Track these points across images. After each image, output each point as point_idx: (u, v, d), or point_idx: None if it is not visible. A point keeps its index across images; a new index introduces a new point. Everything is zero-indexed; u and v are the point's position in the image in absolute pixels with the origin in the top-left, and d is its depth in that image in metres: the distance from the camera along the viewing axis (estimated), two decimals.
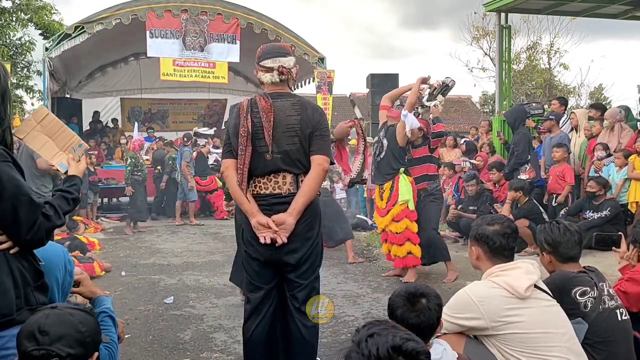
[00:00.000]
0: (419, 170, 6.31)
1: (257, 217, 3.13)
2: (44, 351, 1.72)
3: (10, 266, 2.14)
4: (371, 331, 1.51)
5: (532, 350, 2.44)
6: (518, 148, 8.04)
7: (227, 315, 5.05)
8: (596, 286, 2.73)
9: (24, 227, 2.13)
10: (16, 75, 16.52)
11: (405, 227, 6.09)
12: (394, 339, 1.47)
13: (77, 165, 2.60)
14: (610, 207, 6.96)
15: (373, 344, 1.47)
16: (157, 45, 12.33)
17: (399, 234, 6.11)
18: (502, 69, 11.24)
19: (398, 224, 6.10)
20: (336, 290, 5.91)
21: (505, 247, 2.67)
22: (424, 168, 6.35)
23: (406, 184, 6.11)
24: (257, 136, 3.13)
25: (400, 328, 1.58)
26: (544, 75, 23.79)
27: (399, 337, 1.48)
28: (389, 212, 6.14)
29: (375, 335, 1.49)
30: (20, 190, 2.14)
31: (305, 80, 14.83)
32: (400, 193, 6.06)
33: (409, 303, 2.33)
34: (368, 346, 1.47)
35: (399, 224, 6.10)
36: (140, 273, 6.92)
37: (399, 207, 6.08)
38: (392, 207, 6.10)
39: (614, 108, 8.35)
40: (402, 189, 6.07)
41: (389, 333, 1.50)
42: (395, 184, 6.11)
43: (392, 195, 6.10)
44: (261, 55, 3.27)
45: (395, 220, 6.11)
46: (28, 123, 2.62)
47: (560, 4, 10.82)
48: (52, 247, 2.38)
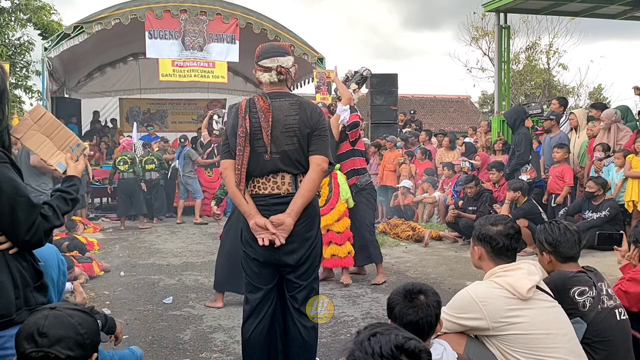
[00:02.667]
0: (345, 165, 6.14)
1: (255, 218, 3.12)
2: (43, 353, 1.71)
3: (9, 266, 2.14)
4: (373, 331, 1.55)
5: (533, 351, 2.44)
6: (519, 148, 8.04)
7: (227, 316, 5.04)
8: (595, 286, 2.73)
9: (22, 228, 2.13)
10: (15, 75, 16.51)
11: (346, 226, 6.00)
12: (397, 338, 1.51)
13: (75, 165, 2.59)
14: (610, 207, 6.97)
15: (376, 342, 1.50)
16: (156, 46, 12.33)
17: (340, 233, 5.98)
18: (501, 69, 11.24)
19: (339, 223, 5.97)
20: (335, 290, 5.90)
21: (508, 247, 2.67)
22: (350, 163, 6.15)
23: (344, 182, 6.01)
24: (256, 136, 3.12)
25: (401, 329, 1.60)
26: (543, 75, 23.79)
27: (401, 336, 1.52)
28: (331, 210, 5.95)
29: (377, 334, 1.53)
30: (18, 192, 2.14)
31: (304, 80, 14.84)
32: (341, 191, 5.94)
33: (407, 300, 2.33)
34: (371, 345, 1.50)
35: (341, 223, 5.98)
36: (140, 273, 6.91)
37: (342, 205, 5.97)
38: (335, 205, 5.94)
39: (610, 109, 8.36)
40: (343, 186, 5.97)
41: (391, 332, 1.53)
42: (334, 181, 5.96)
43: (333, 193, 5.94)
44: (260, 55, 3.26)
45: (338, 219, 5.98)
46: (25, 122, 2.60)
47: (559, 4, 10.83)
48: (45, 247, 2.38)
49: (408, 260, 7.50)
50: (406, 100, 25.34)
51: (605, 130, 7.92)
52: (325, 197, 5.94)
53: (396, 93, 13.60)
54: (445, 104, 29.32)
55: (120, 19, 11.95)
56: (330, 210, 5.95)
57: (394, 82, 13.45)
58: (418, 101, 27.91)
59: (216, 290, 5.34)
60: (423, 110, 26.39)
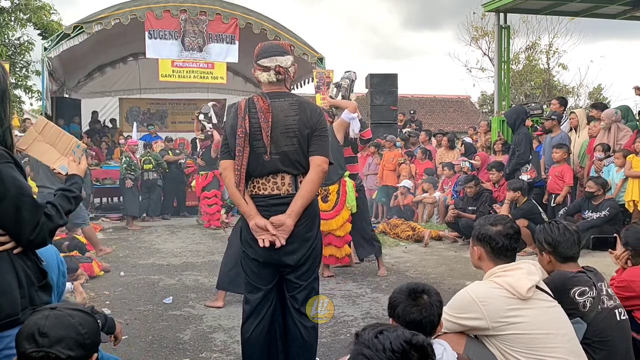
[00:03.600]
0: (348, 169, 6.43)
1: (255, 219, 3.11)
2: (44, 353, 1.71)
3: (14, 266, 2.14)
4: (377, 330, 1.57)
5: (533, 351, 2.44)
6: (520, 148, 8.03)
7: (227, 316, 5.05)
8: (595, 286, 2.73)
9: (27, 228, 2.13)
10: (15, 75, 16.53)
11: (347, 231, 6.32)
12: (404, 334, 1.54)
13: (77, 166, 2.61)
14: (609, 207, 6.97)
15: (385, 339, 1.53)
16: (155, 47, 12.34)
17: (341, 237, 6.29)
18: (501, 69, 11.24)
19: (341, 228, 6.27)
20: (335, 290, 5.91)
21: (507, 247, 2.67)
22: (351, 168, 6.50)
23: (352, 189, 6.29)
24: (255, 137, 3.10)
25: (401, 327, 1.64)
26: (542, 75, 23.80)
27: (407, 332, 1.56)
28: (336, 216, 6.20)
29: (384, 332, 1.56)
30: (23, 191, 2.14)
31: (304, 80, 14.84)
32: (347, 198, 6.21)
33: (410, 299, 2.33)
34: (381, 341, 1.53)
35: (342, 228, 6.28)
36: (140, 273, 6.91)
37: (346, 212, 6.24)
38: (340, 212, 6.20)
39: (610, 109, 8.36)
40: (350, 193, 6.23)
41: (396, 330, 1.57)
42: (342, 188, 6.21)
43: (340, 200, 6.19)
44: (259, 54, 3.24)
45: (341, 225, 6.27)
46: (29, 134, 2.70)
47: (559, 4, 10.83)
48: (45, 248, 2.38)
49: (408, 260, 7.50)
50: (406, 100, 25.35)
51: (605, 130, 7.92)
52: (333, 203, 6.18)
53: (396, 93, 13.61)
54: (445, 104, 29.34)
55: (120, 19, 11.95)
56: (336, 216, 6.21)
57: (394, 82, 13.46)
58: (418, 101, 27.93)
59: (218, 289, 5.34)
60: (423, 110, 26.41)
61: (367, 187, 12.04)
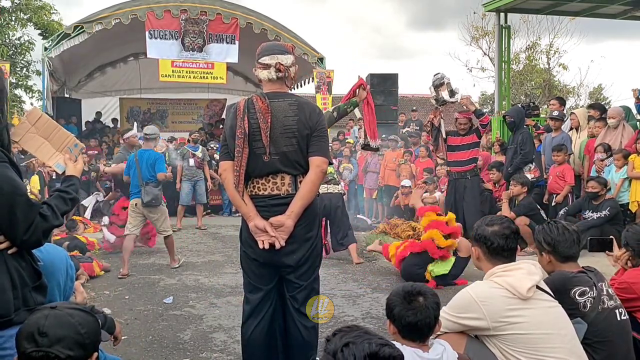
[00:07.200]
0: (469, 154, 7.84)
1: (255, 220, 3.11)
2: (43, 353, 1.71)
3: (7, 266, 2.13)
4: (345, 340, 1.52)
5: (533, 351, 2.44)
6: (524, 147, 8.02)
7: (227, 315, 5.05)
8: (595, 286, 2.73)
9: (21, 228, 2.12)
10: (15, 75, 16.53)
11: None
12: (370, 346, 1.48)
13: (74, 166, 2.59)
14: (610, 207, 6.96)
15: (350, 353, 1.48)
16: (156, 47, 12.34)
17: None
18: (502, 69, 11.23)
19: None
20: (336, 290, 5.91)
21: (504, 247, 2.67)
22: (475, 153, 7.99)
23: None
24: (255, 137, 3.09)
25: (373, 333, 1.58)
26: (543, 75, 23.77)
27: (374, 343, 1.50)
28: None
29: (350, 344, 1.50)
30: (17, 191, 2.13)
31: (304, 80, 14.85)
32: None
33: (406, 301, 2.33)
34: (345, 356, 1.48)
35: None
36: (140, 273, 6.91)
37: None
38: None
39: (616, 107, 8.37)
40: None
41: (364, 340, 1.51)
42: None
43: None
44: (260, 53, 3.24)
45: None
46: (22, 126, 2.60)
47: (560, 4, 10.82)
48: (56, 250, 2.38)
49: None
50: (406, 100, 25.31)
51: (612, 128, 7.87)
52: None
53: (396, 93, 13.61)
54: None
55: (121, 19, 11.95)
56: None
57: (395, 82, 13.46)
58: (418, 101, 27.87)
59: None
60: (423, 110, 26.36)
61: (367, 186, 12.06)
